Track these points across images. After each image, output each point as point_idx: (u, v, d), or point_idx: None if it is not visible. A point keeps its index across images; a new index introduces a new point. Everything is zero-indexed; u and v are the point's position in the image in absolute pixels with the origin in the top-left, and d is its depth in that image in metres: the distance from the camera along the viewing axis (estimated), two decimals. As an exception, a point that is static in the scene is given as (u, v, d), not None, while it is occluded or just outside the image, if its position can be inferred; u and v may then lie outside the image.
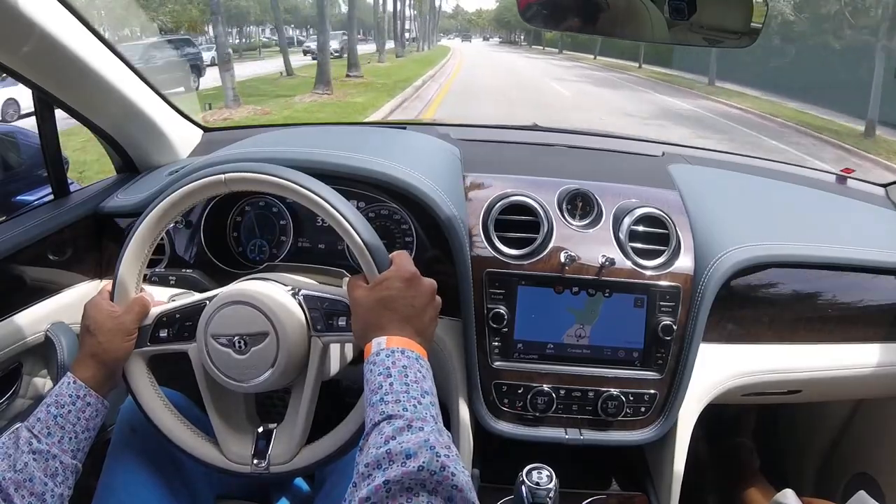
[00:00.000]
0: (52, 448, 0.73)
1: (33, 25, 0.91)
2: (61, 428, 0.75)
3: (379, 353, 0.69)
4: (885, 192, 1.41)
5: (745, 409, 1.60)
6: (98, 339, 0.80)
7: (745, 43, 0.81)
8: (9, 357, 1.01)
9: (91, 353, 0.80)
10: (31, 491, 0.71)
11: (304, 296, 0.81)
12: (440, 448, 0.58)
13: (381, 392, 0.65)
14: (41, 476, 0.72)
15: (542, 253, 1.03)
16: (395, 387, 0.65)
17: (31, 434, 0.73)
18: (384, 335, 0.71)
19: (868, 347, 1.12)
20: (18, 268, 1.05)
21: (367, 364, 0.69)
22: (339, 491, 0.93)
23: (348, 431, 0.81)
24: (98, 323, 0.80)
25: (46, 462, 0.73)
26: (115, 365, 0.82)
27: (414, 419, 0.62)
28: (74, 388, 0.77)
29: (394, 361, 0.68)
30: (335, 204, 0.78)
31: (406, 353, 0.69)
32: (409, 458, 0.57)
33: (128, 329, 0.81)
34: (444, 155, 1.22)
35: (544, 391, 1.02)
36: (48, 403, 0.76)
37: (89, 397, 0.78)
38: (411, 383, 0.66)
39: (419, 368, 0.69)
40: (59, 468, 0.74)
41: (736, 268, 1.01)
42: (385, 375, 0.66)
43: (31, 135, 2.54)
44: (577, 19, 0.86)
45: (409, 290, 0.75)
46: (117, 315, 0.81)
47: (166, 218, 0.83)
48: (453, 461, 0.58)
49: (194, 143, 1.42)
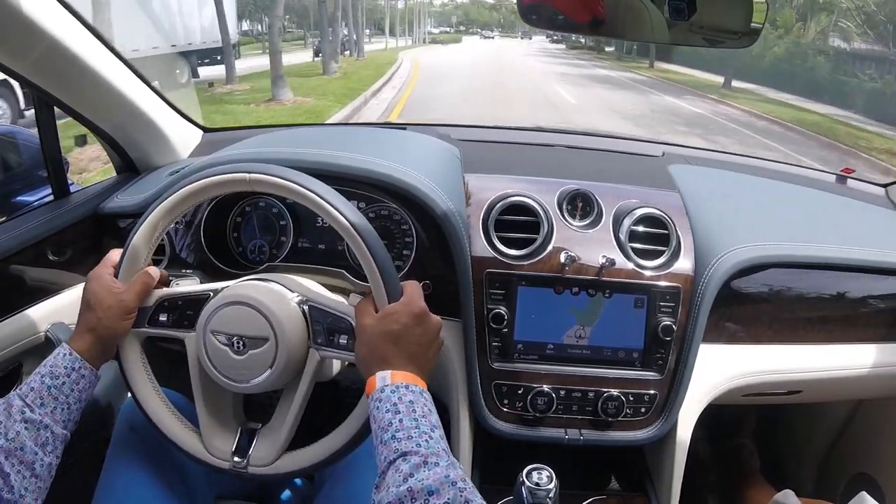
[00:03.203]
0: (44, 418, 0.74)
1: (33, 26, 0.91)
2: (55, 399, 0.75)
3: (384, 390, 0.69)
4: (885, 192, 1.41)
5: (745, 410, 1.60)
6: (97, 313, 0.79)
7: (746, 43, 0.81)
8: (9, 357, 1.01)
9: (88, 326, 0.79)
10: (21, 459, 0.71)
11: (310, 306, 0.81)
12: (460, 482, 0.59)
13: (391, 429, 0.65)
14: (32, 445, 0.72)
15: (542, 253, 1.03)
16: (406, 423, 0.66)
17: (24, 403, 0.73)
18: (388, 370, 0.71)
19: (868, 347, 1.12)
20: (18, 268, 1.05)
21: (373, 401, 0.70)
22: (338, 491, 0.94)
23: (337, 443, 0.81)
24: (98, 297, 0.80)
25: (38, 432, 0.73)
26: (111, 340, 0.81)
27: (429, 454, 0.62)
28: (70, 359, 0.77)
29: (400, 397, 0.68)
30: (356, 223, 0.77)
31: (411, 388, 0.70)
32: (431, 494, 0.58)
33: (128, 307, 0.81)
34: (445, 155, 1.22)
35: (544, 391, 1.02)
36: (42, 374, 0.76)
37: (84, 370, 0.78)
38: (420, 418, 0.67)
39: (425, 403, 0.69)
40: (50, 438, 0.74)
41: (736, 268, 1.01)
42: (394, 412, 0.67)
43: (30, 135, 2.54)
44: (577, 20, 0.86)
45: (418, 327, 0.75)
46: (118, 291, 0.81)
47: (183, 206, 0.83)
48: (473, 493, 0.59)
49: (194, 143, 1.42)
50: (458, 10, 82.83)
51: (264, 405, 0.94)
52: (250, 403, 0.92)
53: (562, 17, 0.87)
